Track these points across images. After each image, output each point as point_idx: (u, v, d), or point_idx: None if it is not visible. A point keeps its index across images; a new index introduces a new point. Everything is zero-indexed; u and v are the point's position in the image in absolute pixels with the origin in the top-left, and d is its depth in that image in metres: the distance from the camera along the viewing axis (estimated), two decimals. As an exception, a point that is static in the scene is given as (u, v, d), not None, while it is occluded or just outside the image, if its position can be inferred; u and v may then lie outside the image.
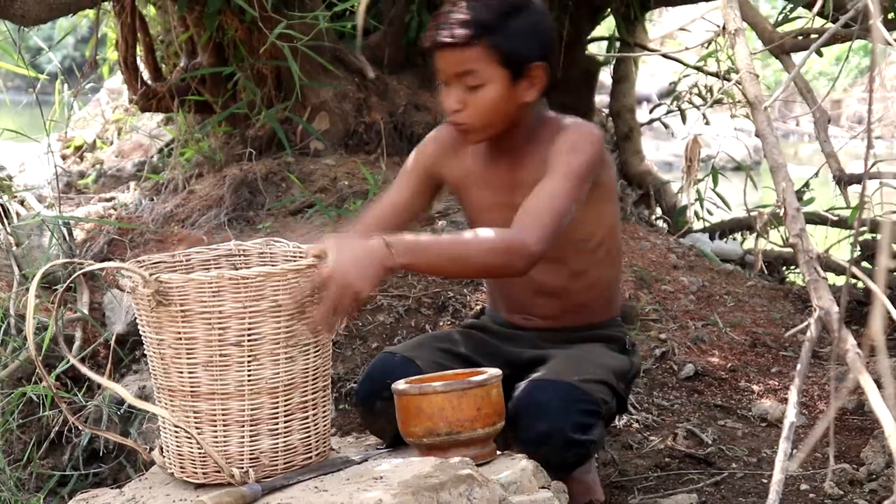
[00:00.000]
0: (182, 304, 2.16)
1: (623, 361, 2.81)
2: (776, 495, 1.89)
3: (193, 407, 2.24)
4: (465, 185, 2.78)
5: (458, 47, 2.54)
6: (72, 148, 6.59)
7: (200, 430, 2.24)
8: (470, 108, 2.58)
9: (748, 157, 9.12)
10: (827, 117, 3.75)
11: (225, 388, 2.22)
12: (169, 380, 2.25)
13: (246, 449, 2.27)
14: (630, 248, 5.07)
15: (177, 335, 2.19)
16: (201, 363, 2.21)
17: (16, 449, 3.40)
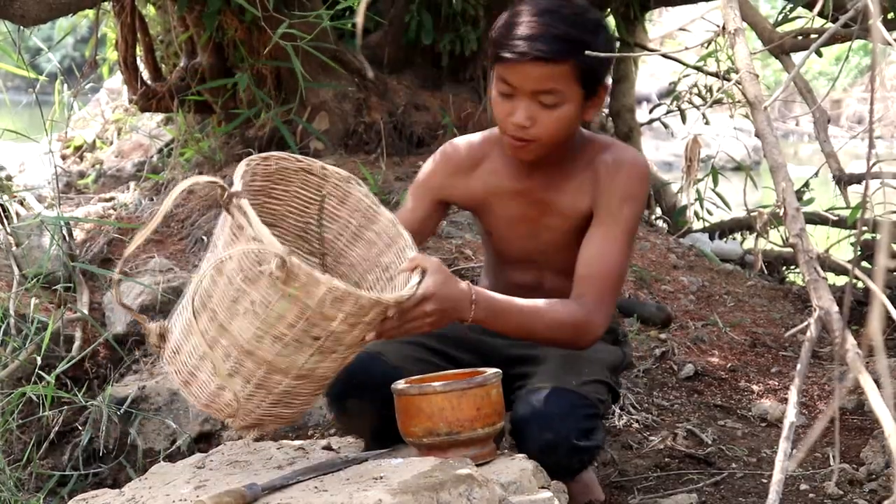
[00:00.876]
0: (299, 290, 2.11)
1: (616, 354, 2.81)
2: (776, 495, 1.89)
3: (238, 358, 2.21)
4: (487, 201, 2.71)
5: (547, 62, 2.43)
6: (71, 148, 6.59)
7: (232, 376, 2.22)
8: (540, 125, 2.49)
9: (748, 156, 9.12)
10: (827, 117, 3.75)
11: (278, 363, 2.20)
12: (229, 324, 2.20)
13: (259, 411, 2.27)
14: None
15: (267, 303, 2.14)
16: (273, 335, 2.18)
17: (15, 449, 3.39)
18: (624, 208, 2.58)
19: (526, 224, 2.69)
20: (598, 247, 2.56)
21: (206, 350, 2.21)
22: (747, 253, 6.05)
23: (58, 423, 3.54)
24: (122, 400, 3.50)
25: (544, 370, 2.61)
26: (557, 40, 2.43)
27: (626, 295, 4.51)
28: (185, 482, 2.40)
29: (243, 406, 2.25)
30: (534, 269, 2.75)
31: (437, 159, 2.74)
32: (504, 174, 2.66)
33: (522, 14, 2.46)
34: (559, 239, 2.67)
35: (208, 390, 2.26)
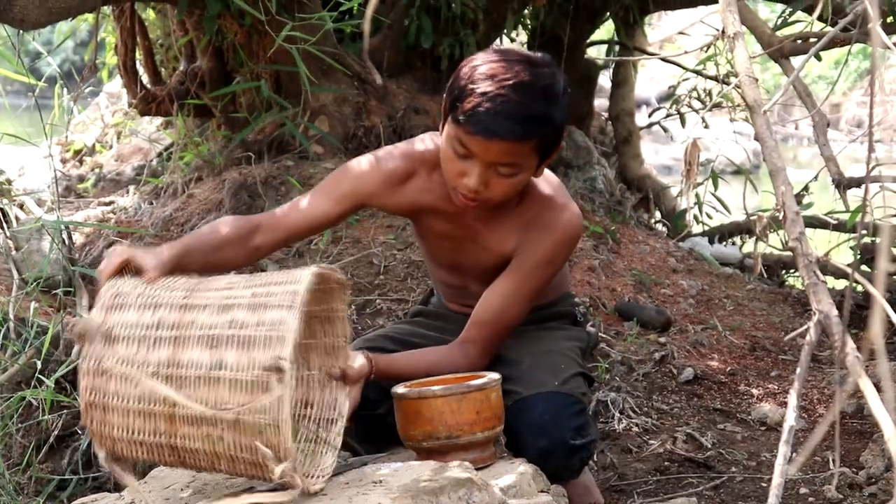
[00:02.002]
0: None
1: (580, 335, 2.84)
2: (776, 499, 1.89)
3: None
4: (416, 214, 2.70)
5: (512, 142, 2.39)
6: (71, 152, 6.59)
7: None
8: (492, 190, 2.46)
9: (747, 160, 9.13)
10: (826, 121, 3.74)
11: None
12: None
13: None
14: (629, 251, 5.08)
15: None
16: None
17: (15, 453, 3.39)
18: (539, 270, 2.61)
19: (452, 241, 2.70)
20: (501, 297, 2.61)
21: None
22: (747, 257, 6.05)
23: (57, 427, 3.54)
24: (122, 404, 3.50)
25: (521, 375, 2.61)
26: (528, 121, 2.38)
27: (625, 298, 4.51)
28: (184, 486, 2.40)
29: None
30: (460, 275, 2.78)
31: (371, 165, 2.67)
32: (437, 194, 2.62)
33: (487, 81, 2.38)
34: (483, 262, 2.68)
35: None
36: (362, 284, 4.19)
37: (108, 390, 2.16)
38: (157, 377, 2.14)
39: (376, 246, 4.37)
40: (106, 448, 2.19)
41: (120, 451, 2.19)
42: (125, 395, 2.15)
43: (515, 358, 2.69)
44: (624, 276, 4.73)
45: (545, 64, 2.45)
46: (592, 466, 3.25)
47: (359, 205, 2.68)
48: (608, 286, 4.59)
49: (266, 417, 2.09)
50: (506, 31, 6.20)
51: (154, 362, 2.15)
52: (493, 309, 2.62)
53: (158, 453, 2.18)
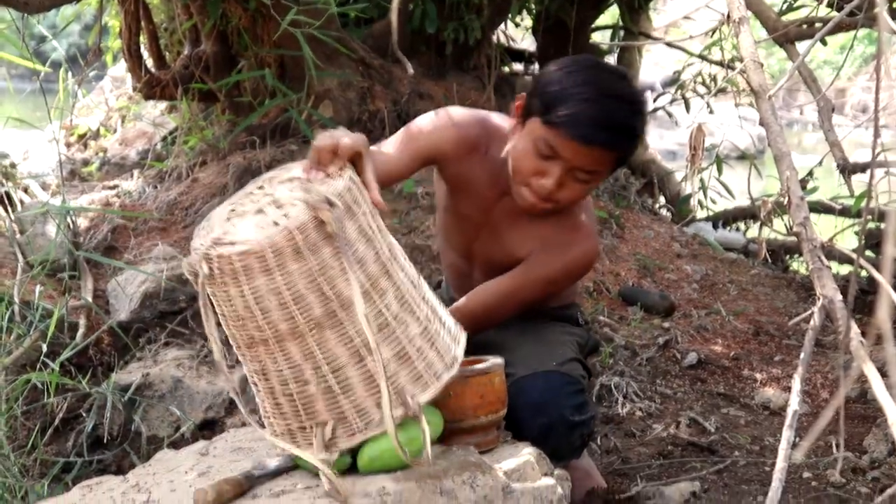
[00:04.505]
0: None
1: (581, 333, 2.86)
2: (779, 483, 1.90)
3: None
4: (459, 188, 2.72)
5: (605, 151, 2.44)
6: (75, 136, 6.59)
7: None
8: (565, 194, 2.50)
9: (752, 145, 9.11)
10: (831, 106, 3.74)
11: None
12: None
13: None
14: (633, 236, 5.08)
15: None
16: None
17: (20, 435, 3.40)
18: (539, 285, 2.65)
19: (473, 227, 2.72)
20: (494, 296, 2.65)
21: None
22: (751, 242, 6.04)
23: (62, 409, 3.55)
24: (127, 387, 3.51)
25: (519, 359, 2.63)
26: (620, 131, 2.44)
27: (629, 283, 4.51)
28: (189, 469, 2.41)
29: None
30: (468, 263, 2.81)
31: (453, 126, 2.67)
32: (486, 175, 2.64)
33: (586, 87, 2.43)
34: (493, 256, 2.70)
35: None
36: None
37: (285, 264, 2.07)
38: (327, 302, 2.10)
39: (386, 217, 4.36)
40: (211, 268, 2.08)
41: (218, 284, 2.09)
42: (292, 281, 2.07)
43: (514, 346, 2.70)
44: (628, 261, 4.73)
45: (628, 76, 2.55)
46: (595, 450, 3.26)
47: (431, 161, 2.68)
48: (612, 271, 4.59)
49: (356, 421, 2.16)
50: (510, 16, 6.19)
51: (337, 290, 2.10)
52: (481, 303, 2.65)
53: (243, 327, 2.12)
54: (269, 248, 2.06)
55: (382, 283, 2.17)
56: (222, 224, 2.14)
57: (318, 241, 2.08)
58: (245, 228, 2.10)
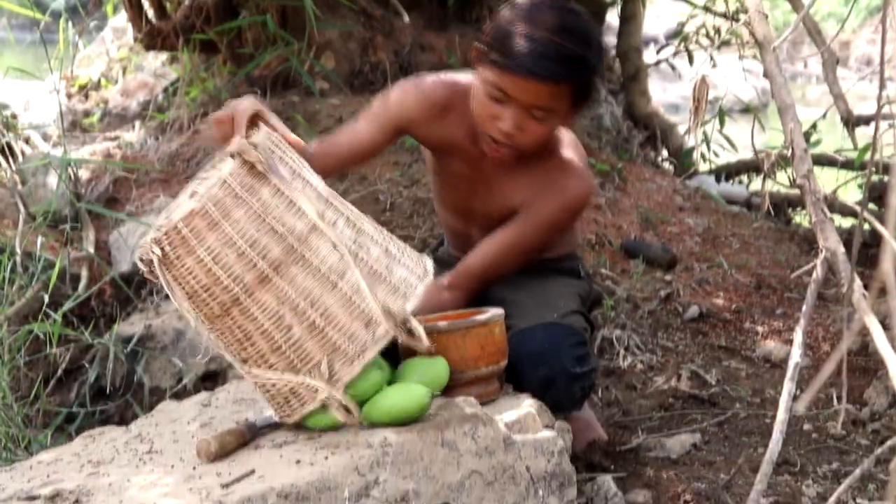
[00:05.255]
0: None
1: (582, 286, 2.86)
2: (780, 435, 1.90)
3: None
4: (442, 148, 2.72)
5: (552, 83, 2.42)
6: (76, 87, 6.56)
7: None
8: (526, 135, 2.49)
9: (756, 98, 9.07)
10: (835, 58, 3.72)
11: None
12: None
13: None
14: (636, 189, 5.07)
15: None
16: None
17: (23, 386, 3.41)
18: (539, 231, 2.65)
19: (466, 184, 2.72)
20: (497, 248, 2.65)
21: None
22: (753, 195, 6.03)
23: (65, 360, 3.56)
24: (129, 338, 3.52)
25: (521, 311, 2.63)
26: (567, 62, 2.42)
27: (631, 236, 4.51)
28: (191, 420, 2.42)
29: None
30: (466, 221, 2.80)
31: (415, 91, 2.68)
32: (466, 132, 2.63)
33: (528, 24, 2.42)
34: (493, 210, 2.69)
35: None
36: (368, 221, 4.19)
37: (230, 213, 2.11)
38: (283, 240, 2.13)
39: (382, 182, 4.35)
40: (163, 248, 2.12)
41: (177, 262, 2.12)
42: (242, 228, 2.11)
43: (516, 299, 2.70)
44: (630, 214, 4.72)
45: (580, 12, 2.51)
46: (597, 403, 3.27)
47: (402, 131, 2.69)
48: (614, 224, 4.58)
49: (349, 346, 2.16)
50: (513, -34, 6.13)
51: (288, 226, 2.14)
52: (486, 258, 2.65)
53: (213, 295, 2.13)
54: (209, 202, 2.09)
55: (329, 214, 2.19)
56: (162, 219, 2.17)
57: (253, 182, 2.12)
58: (183, 205, 2.14)
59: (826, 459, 2.88)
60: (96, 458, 2.24)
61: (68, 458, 2.27)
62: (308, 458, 2.10)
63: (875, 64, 12.92)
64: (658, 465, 2.86)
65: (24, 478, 2.17)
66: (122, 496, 2.00)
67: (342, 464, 2.06)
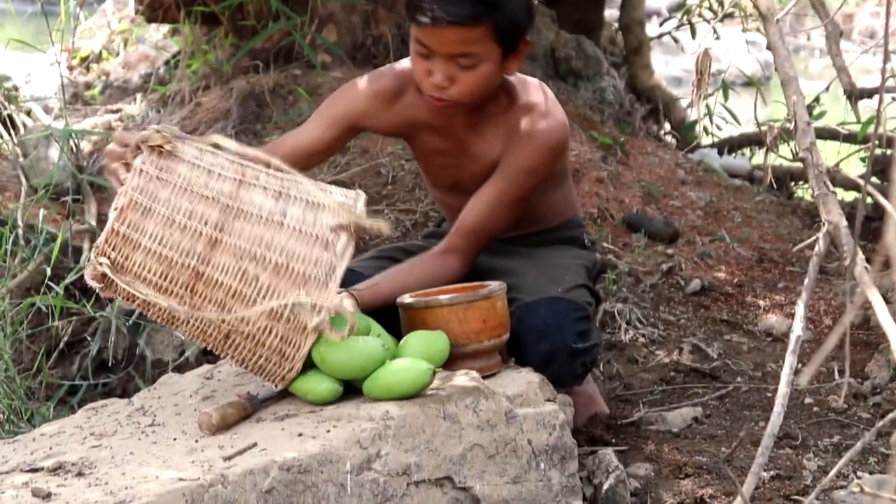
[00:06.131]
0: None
1: (588, 257, 2.85)
2: (781, 408, 1.91)
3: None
4: (409, 132, 2.73)
5: (463, 26, 2.43)
6: (78, 59, 6.54)
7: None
8: (459, 85, 2.50)
9: (759, 71, 9.04)
10: (839, 31, 3.70)
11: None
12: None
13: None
14: (638, 163, 5.06)
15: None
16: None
17: (25, 358, 3.42)
18: (522, 178, 2.62)
19: (446, 157, 2.72)
20: (484, 204, 2.62)
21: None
22: (756, 168, 6.02)
23: (67, 333, 3.57)
24: (131, 311, 3.52)
25: (525, 284, 2.63)
26: (472, 4, 2.42)
27: (633, 210, 4.50)
28: (193, 392, 2.42)
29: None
30: (457, 195, 2.78)
31: (361, 86, 2.71)
32: (425, 108, 2.63)
33: None
34: (477, 174, 2.68)
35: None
36: (370, 194, 4.18)
37: (157, 195, 2.14)
38: (216, 202, 2.15)
39: (384, 156, 4.35)
40: (108, 256, 2.14)
41: (127, 263, 2.14)
42: (174, 205, 2.14)
43: (520, 272, 2.70)
44: (632, 188, 4.72)
45: None
46: (598, 376, 3.27)
47: (353, 126, 2.70)
48: (616, 197, 4.57)
49: (317, 270, 2.14)
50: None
51: (215, 189, 2.16)
52: (476, 216, 2.62)
53: (173, 279, 2.15)
54: (133, 193, 2.13)
55: (249, 171, 2.20)
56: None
57: (167, 163, 2.15)
58: (109, 214, 2.17)
59: (827, 433, 2.88)
60: (99, 430, 2.25)
61: (71, 431, 2.27)
62: (310, 431, 2.10)
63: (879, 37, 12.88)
64: (659, 439, 2.86)
65: (27, 450, 2.18)
66: (125, 468, 2.00)
67: (344, 437, 2.07)
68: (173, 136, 2.17)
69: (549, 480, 2.29)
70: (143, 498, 1.84)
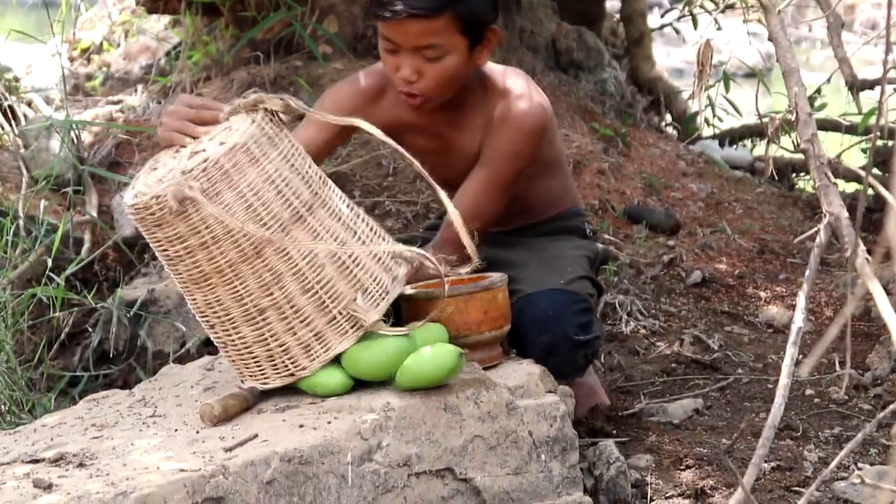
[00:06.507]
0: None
1: (590, 247, 2.86)
2: (782, 399, 1.90)
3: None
4: (397, 133, 2.67)
5: (423, 19, 2.44)
6: (79, 50, 6.54)
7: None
8: (427, 78, 2.51)
9: (760, 62, 9.02)
10: (840, 22, 3.70)
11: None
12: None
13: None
14: (639, 154, 5.05)
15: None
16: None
17: (27, 350, 3.42)
18: (504, 163, 2.62)
19: (434, 156, 2.71)
20: (470, 195, 2.62)
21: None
22: (757, 160, 6.01)
23: (68, 324, 3.57)
24: (132, 302, 3.52)
25: (527, 276, 2.63)
26: None
27: (634, 201, 4.50)
28: (194, 384, 2.43)
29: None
30: (451, 190, 2.76)
31: (346, 86, 2.74)
32: (407, 108, 2.64)
33: None
34: (465, 170, 2.68)
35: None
36: (371, 186, 4.18)
37: (267, 153, 2.16)
38: (309, 185, 2.20)
39: (385, 147, 4.33)
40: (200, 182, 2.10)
41: (214, 198, 2.10)
42: (278, 168, 2.16)
43: (522, 262, 2.70)
44: (633, 179, 4.71)
45: None
46: (599, 368, 3.27)
47: (340, 129, 2.67)
48: (617, 189, 4.57)
49: (375, 287, 2.23)
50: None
51: (309, 175, 2.22)
52: (462, 206, 2.57)
53: (248, 234, 2.12)
54: (250, 140, 2.15)
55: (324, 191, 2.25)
56: (142, 180, 2.22)
57: (276, 131, 2.20)
58: (208, 147, 2.18)
59: (828, 424, 2.88)
60: (100, 421, 2.25)
61: (72, 422, 2.27)
62: (311, 422, 2.10)
63: (880, 28, 12.85)
64: (660, 430, 2.86)
65: (28, 441, 2.18)
66: (126, 459, 2.00)
67: (345, 428, 2.07)
68: (287, 107, 2.21)
69: (549, 472, 2.29)
70: (144, 489, 1.84)
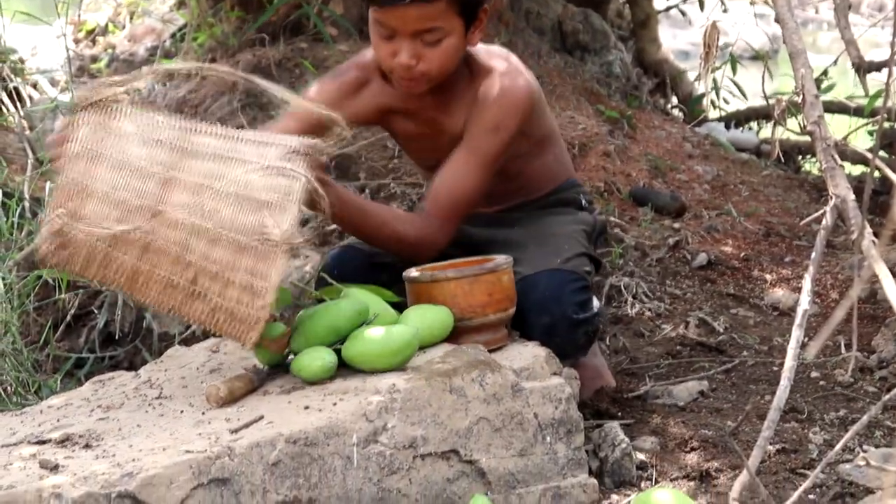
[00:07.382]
0: None
1: (586, 219, 2.85)
2: (787, 382, 1.91)
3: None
4: (381, 119, 2.75)
5: (423, 4, 2.43)
6: (84, 32, 6.53)
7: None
8: (426, 62, 2.51)
9: (767, 44, 8.99)
10: (847, 4, 3.68)
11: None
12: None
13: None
14: (645, 136, 5.05)
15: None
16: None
17: (32, 331, 3.43)
18: (486, 138, 2.60)
19: (422, 140, 2.74)
20: (454, 169, 2.60)
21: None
22: (763, 142, 6.00)
23: (74, 306, 3.57)
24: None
25: (525, 257, 2.63)
26: None
27: (640, 184, 4.49)
28: (200, 365, 2.43)
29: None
30: None
31: (327, 80, 2.75)
32: (393, 93, 2.66)
33: None
34: (453, 150, 2.67)
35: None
36: (376, 168, 4.18)
37: (105, 142, 2.15)
38: (164, 145, 2.16)
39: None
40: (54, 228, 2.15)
41: (83, 214, 2.13)
42: (122, 149, 2.14)
43: (521, 242, 2.70)
44: (639, 162, 4.71)
45: None
46: (605, 350, 3.27)
47: (321, 121, 2.66)
48: (623, 171, 4.57)
49: (275, 196, 2.13)
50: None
51: (164, 136, 2.17)
52: (447, 181, 2.61)
53: (131, 223, 2.12)
54: (78, 143, 2.14)
55: (187, 124, 2.21)
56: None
57: (109, 118, 2.18)
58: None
59: (833, 407, 2.88)
60: (106, 403, 2.26)
61: (78, 403, 2.28)
62: (316, 404, 2.11)
63: (888, 10, 12.82)
64: (665, 413, 2.86)
65: (35, 422, 2.18)
66: (132, 441, 2.01)
67: (350, 410, 2.07)
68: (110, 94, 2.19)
69: (555, 454, 2.29)
70: (150, 470, 1.85)
